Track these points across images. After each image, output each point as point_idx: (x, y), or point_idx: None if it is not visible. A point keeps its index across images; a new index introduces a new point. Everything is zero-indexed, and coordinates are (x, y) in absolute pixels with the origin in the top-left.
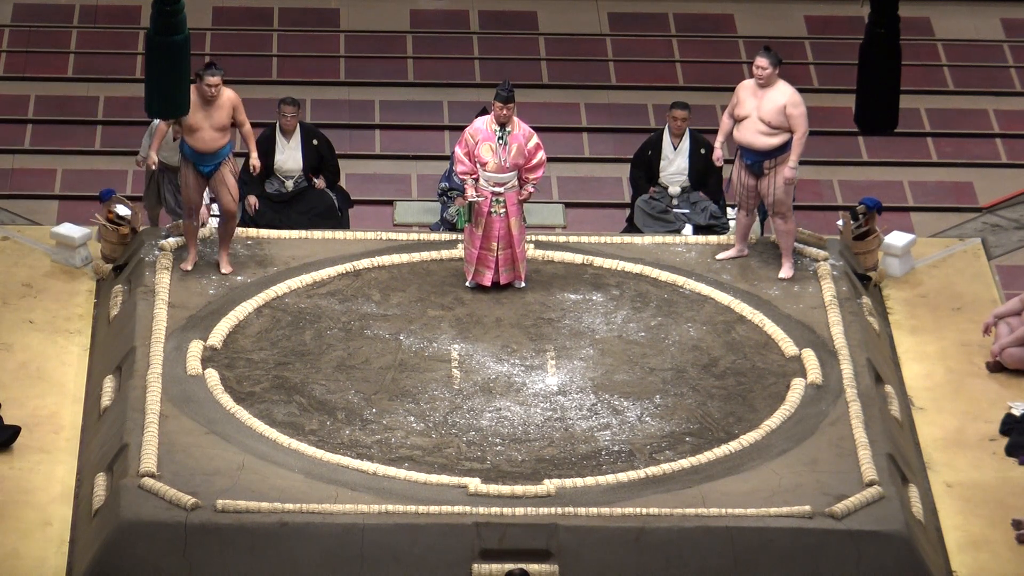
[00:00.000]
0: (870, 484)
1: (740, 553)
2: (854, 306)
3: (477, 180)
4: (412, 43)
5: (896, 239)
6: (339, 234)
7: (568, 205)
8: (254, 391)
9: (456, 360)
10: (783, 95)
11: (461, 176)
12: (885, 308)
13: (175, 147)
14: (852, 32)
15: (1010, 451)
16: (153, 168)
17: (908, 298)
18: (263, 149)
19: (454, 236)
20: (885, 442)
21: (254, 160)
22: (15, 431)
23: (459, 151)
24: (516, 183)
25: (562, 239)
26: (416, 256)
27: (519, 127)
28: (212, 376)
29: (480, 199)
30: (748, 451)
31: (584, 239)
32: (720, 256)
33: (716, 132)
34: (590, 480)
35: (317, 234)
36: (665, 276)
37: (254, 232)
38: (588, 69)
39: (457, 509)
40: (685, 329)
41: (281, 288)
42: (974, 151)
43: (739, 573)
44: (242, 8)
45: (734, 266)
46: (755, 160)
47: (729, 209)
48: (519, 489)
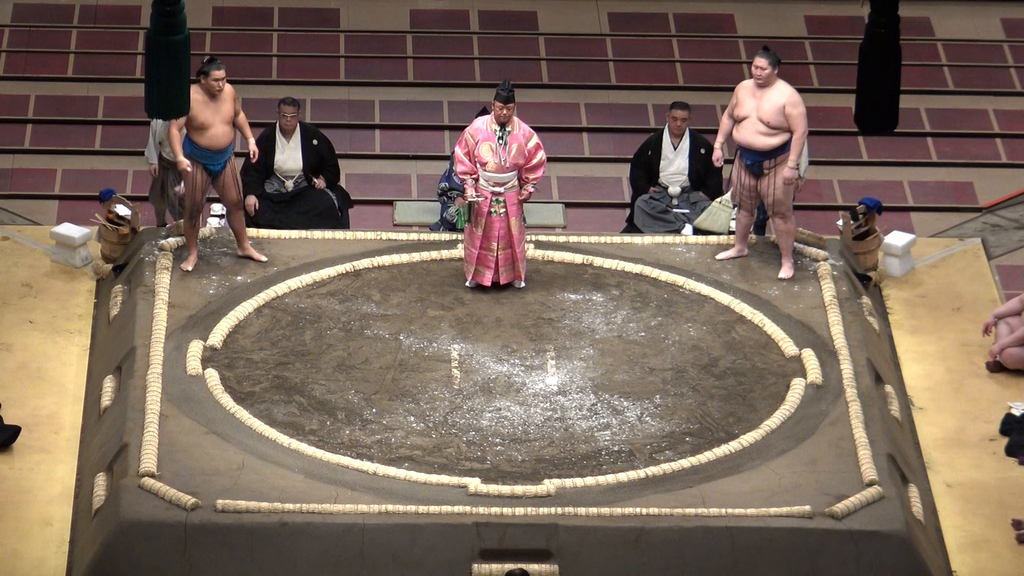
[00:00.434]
0: (870, 484)
1: (740, 553)
2: (854, 306)
3: (477, 180)
4: (412, 43)
5: (896, 239)
6: (339, 234)
7: (568, 205)
8: (254, 391)
9: (456, 360)
10: (782, 95)
11: (461, 176)
12: (885, 308)
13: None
14: (852, 32)
15: (1010, 451)
16: (189, 168)
17: (908, 298)
18: (263, 149)
19: (454, 236)
20: (885, 442)
21: (253, 147)
22: (15, 431)
23: (459, 151)
24: (516, 183)
25: (562, 239)
26: (416, 256)
27: (519, 127)
28: (212, 376)
29: (480, 199)
30: (748, 451)
31: (584, 239)
32: (720, 256)
33: (716, 132)
34: (590, 480)
35: (317, 234)
36: (665, 276)
37: (254, 232)
38: (588, 69)
39: (457, 509)
40: (685, 329)
41: (281, 288)
42: (974, 151)
43: (739, 573)
44: (242, 8)
45: (734, 266)
46: (755, 160)
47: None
48: (519, 489)
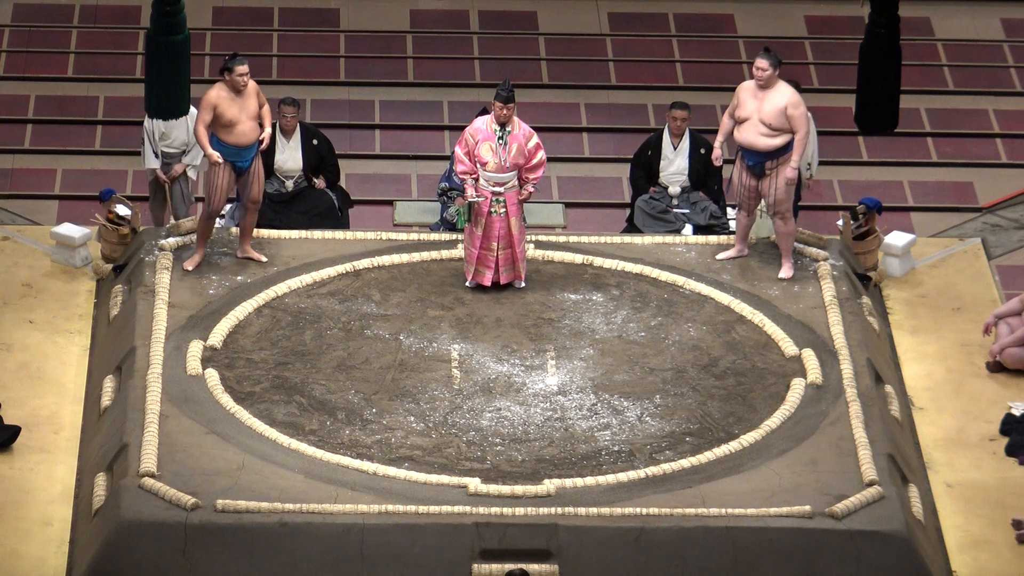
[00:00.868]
0: (870, 484)
1: (740, 553)
2: (854, 306)
3: (477, 180)
4: (412, 43)
5: (896, 239)
6: (339, 234)
7: (568, 205)
8: (254, 391)
9: (456, 360)
10: (783, 96)
11: (461, 176)
12: (885, 308)
13: (173, 136)
14: (852, 32)
15: (1010, 451)
16: (220, 160)
17: (908, 298)
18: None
19: (454, 236)
20: (885, 442)
21: (268, 133)
22: (15, 431)
23: (459, 151)
24: (516, 183)
25: (562, 239)
26: (416, 256)
27: (519, 127)
28: (212, 376)
29: (480, 199)
30: (748, 451)
31: (584, 239)
32: (720, 256)
33: (716, 132)
34: (590, 480)
35: (317, 234)
36: (665, 276)
37: (254, 232)
38: (588, 69)
39: (457, 509)
40: (685, 329)
41: (281, 288)
42: (974, 151)
43: (739, 573)
44: (242, 8)
45: (734, 266)
46: (756, 161)
47: (729, 209)
48: (519, 489)
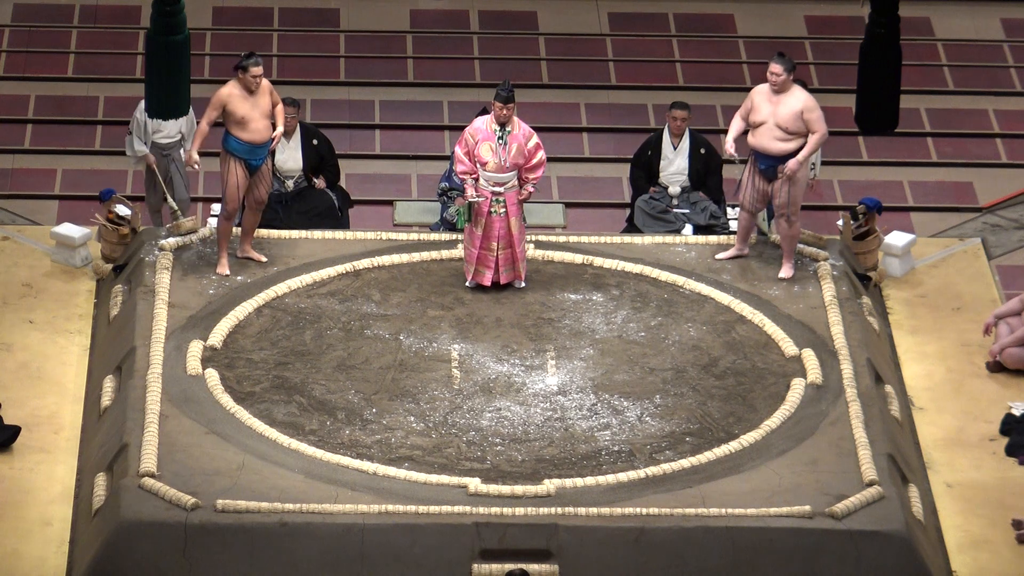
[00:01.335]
0: (870, 484)
1: (740, 553)
2: (854, 306)
3: (477, 180)
4: (412, 43)
5: (896, 239)
6: (339, 234)
7: (568, 205)
8: (254, 391)
9: (456, 360)
10: (799, 101)
11: (461, 176)
12: (885, 308)
13: (167, 127)
14: (852, 32)
15: (1010, 451)
16: (196, 167)
17: (908, 298)
18: None
19: (454, 236)
20: (885, 442)
21: (280, 132)
22: (15, 431)
23: (459, 151)
24: (516, 183)
25: (562, 239)
26: (416, 256)
27: (519, 127)
28: (212, 376)
29: (480, 199)
30: (748, 451)
31: (584, 239)
32: (719, 256)
33: (716, 132)
34: (590, 480)
35: (317, 234)
36: (665, 276)
37: (255, 232)
38: (588, 69)
39: (457, 509)
40: (685, 329)
41: (281, 288)
42: (974, 151)
43: (739, 573)
44: (242, 8)
45: (734, 266)
46: (770, 165)
47: (729, 209)
48: (519, 489)
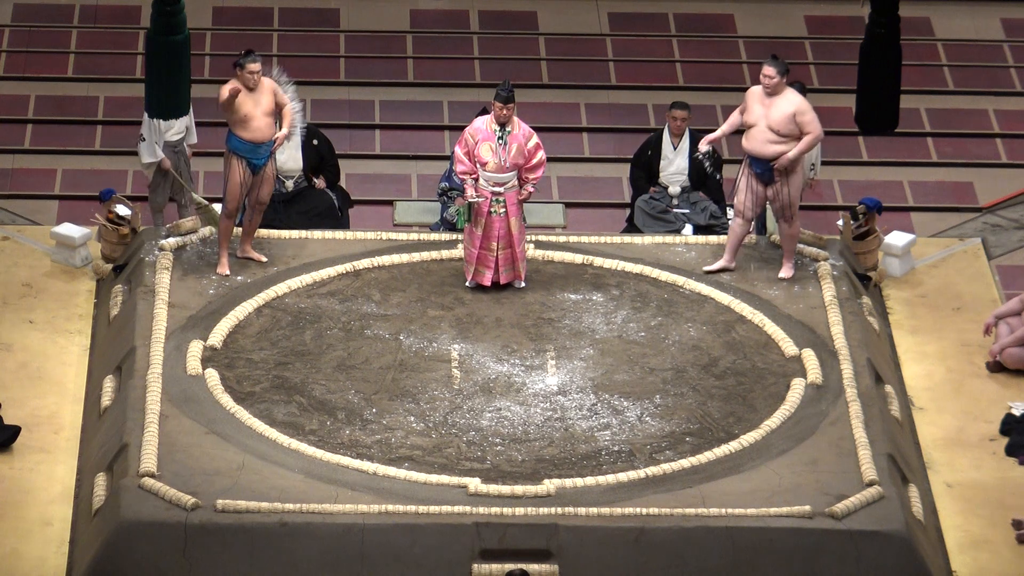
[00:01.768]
0: (870, 484)
1: (740, 553)
2: (854, 306)
3: (477, 180)
4: (412, 43)
5: (896, 239)
6: (339, 234)
7: (568, 205)
8: (254, 391)
9: (456, 360)
10: (791, 103)
11: (461, 176)
12: (885, 308)
13: (176, 125)
14: (852, 32)
15: (1010, 451)
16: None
17: (908, 298)
18: None
19: (454, 236)
20: (885, 442)
21: (284, 133)
22: (15, 431)
23: (459, 151)
24: (516, 183)
25: (562, 239)
26: (416, 256)
27: (519, 127)
28: (212, 376)
29: (480, 199)
30: (748, 451)
31: (584, 239)
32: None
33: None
34: (590, 480)
35: (317, 234)
36: (665, 276)
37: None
38: (588, 69)
39: (457, 509)
40: (685, 329)
41: (281, 288)
42: (974, 151)
43: (739, 573)
44: (242, 8)
45: (734, 265)
46: (764, 168)
47: (729, 210)
48: (519, 489)
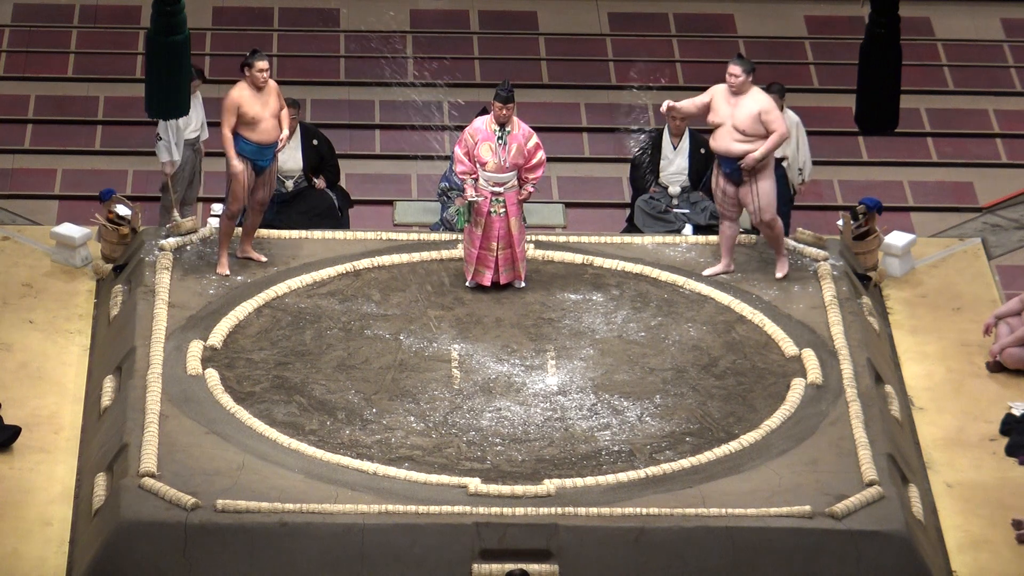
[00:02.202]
0: (870, 484)
1: (740, 553)
2: (854, 306)
3: (477, 180)
4: (412, 43)
5: (896, 239)
6: (339, 234)
7: (568, 205)
8: (254, 391)
9: (456, 360)
10: (757, 103)
11: (461, 176)
12: (885, 308)
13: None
14: (852, 32)
15: (1010, 451)
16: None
17: (908, 298)
18: None
19: (454, 236)
20: (885, 442)
21: (285, 135)
22: (15, 431)
23: (459, 151)
24: (516, 183)
25: (562, 239)
26: (416, 256)
27: (519, 127)
28: (212, 376)
29: (480, 199)
30: (748, 451)
31: (584, 239)
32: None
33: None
34: (590, 480)
35: (317, 234)
36: (665, 276)
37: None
38: (588, 69)
39: (457, 509)
40: (685, 329)
41: (281, 288)
42: (974, 151)
43: (739, 573)
44: (242, 8)
45: (734, 266)
46: (733, 168)
47: None
48: (519, 489)
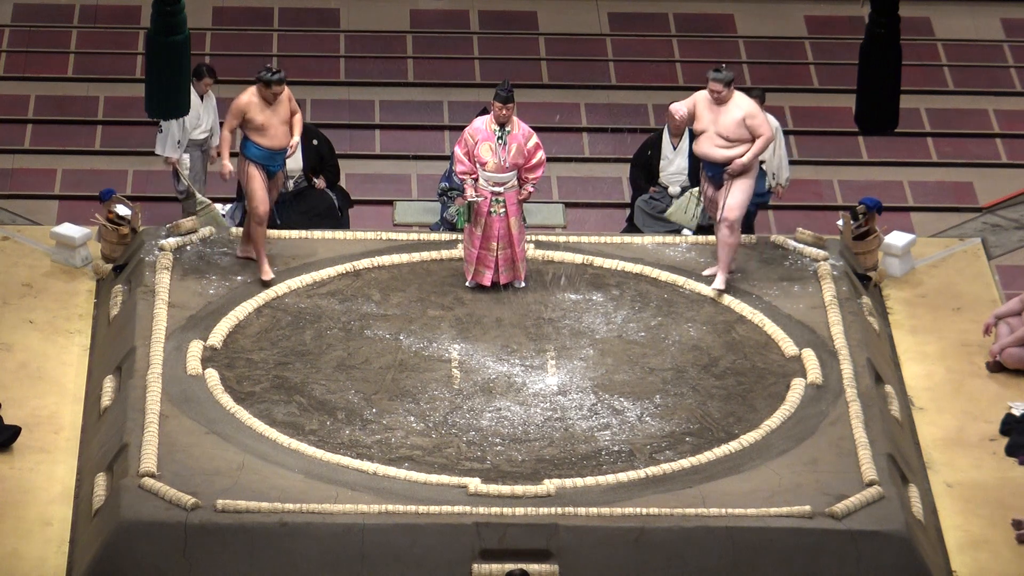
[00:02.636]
0: (870, 484)
1: (740, 553)
2: (854, 306)
3: (477, 180)
4: (412, 43)
5: (896, 239)
6: (339, 234)
7: (568, 205)
8: (254, 391)
9: (456, 360)
10: (740, 108)
11: (460, 176)
12: (885, 308)
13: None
14: (852, 32)
15: (1010, 451)
16: (230, 176)
17: (908, 298)
18: None
19: (454, 236)
20: (885, 442)
21: (296, 140)
22: (15, 431)
23: (459, 151)
24: (516, 183)
25: (562, 239)
26: (416, 256)
27: (519, 127)
28: (212, 376)
29: (480, 199)
30: (748, 451)
31: (584, 239)
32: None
33: None
34: (590, 480)
35: (317, 234)
36: (665, 276)
37: None
38: (588, 69)
39: (457, 509)
40: (685, 329)
41: (281, 288)
42: (974, 151)
43: (739, 573)
44: (242, 8)
45: (734, 266)
46: (716, 172)
47: None
48: (519, 489)
